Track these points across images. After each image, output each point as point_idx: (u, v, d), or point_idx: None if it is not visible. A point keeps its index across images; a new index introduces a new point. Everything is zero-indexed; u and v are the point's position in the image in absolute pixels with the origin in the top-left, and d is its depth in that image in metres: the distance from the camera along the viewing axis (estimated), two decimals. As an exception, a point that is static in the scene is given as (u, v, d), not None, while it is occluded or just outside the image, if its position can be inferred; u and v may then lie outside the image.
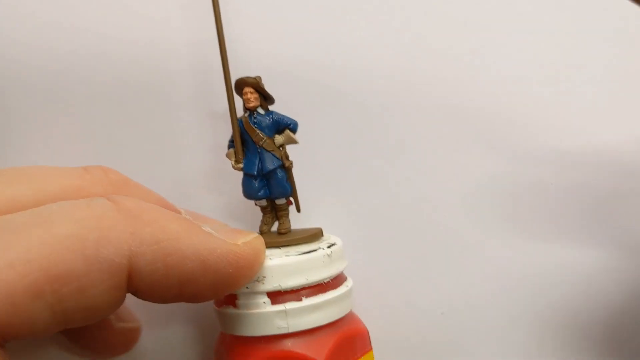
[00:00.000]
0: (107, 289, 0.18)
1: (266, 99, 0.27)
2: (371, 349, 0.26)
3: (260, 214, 0.28)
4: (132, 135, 0.30)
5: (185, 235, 0.19)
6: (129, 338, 0.25)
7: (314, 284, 0.24)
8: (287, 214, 0.27)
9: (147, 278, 0.19)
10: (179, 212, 0.23)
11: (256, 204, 0.28)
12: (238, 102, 0.27)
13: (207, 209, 0.30)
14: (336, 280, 0.25)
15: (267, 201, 0.27)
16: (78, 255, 0.17)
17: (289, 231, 0.27)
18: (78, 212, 0.18)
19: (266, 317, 0.23)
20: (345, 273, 0.27)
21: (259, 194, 0.27)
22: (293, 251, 0.25)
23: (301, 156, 0.28)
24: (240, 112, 0.27)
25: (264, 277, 0.23)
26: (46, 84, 0.29)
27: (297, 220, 0.28)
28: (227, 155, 0.27)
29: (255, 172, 0.26)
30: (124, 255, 0.18)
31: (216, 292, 0.21)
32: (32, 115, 0.30)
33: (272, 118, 0.26)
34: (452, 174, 0.30)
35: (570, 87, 0.30)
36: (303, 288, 0.24)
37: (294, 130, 0.27)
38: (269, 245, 0.26)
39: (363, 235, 0.30)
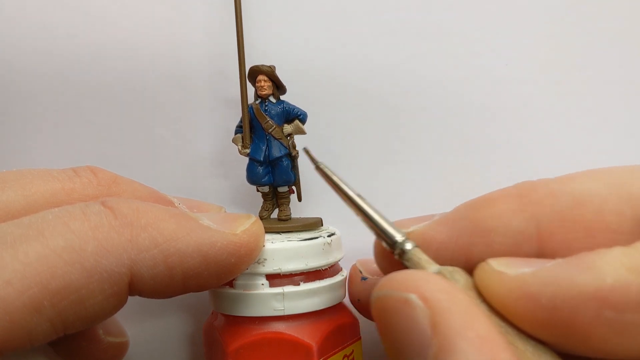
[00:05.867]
0: (107, 297, 0.18)
1: (278, 88, 0.27)
2: (360, 338, 0.27)
3: (260, 200, 0.28)
4: (145, 120, 0.31)
5: (183, 233, 0.19)
6: (117, 352, 0.25)
7: (313, 270, 0.25)
8: (288, 202, 0.28)
9: (150, 281, 0.19)
10: (172, 203, 0.23)
11: (258, 190, 0.28)
12: (249, 90, 0.27)
13: (212, 192, 0.31)
14: (333, 269, 0.26)
15: (269, 188, 0.28)
16: (77, 267, 0.17)
17: (289, 218, 0.28)
18: (74, 221, 0.18)
19: (263, 299, 0.24)
20: (340, 265, 0.27)
21: (263, 180, 0.27)
22: (294, 237, 0.25)
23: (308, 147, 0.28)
24: (251, 100, 0.27)
25: (265, 259, 0.24)
26: (60, 73, 0.30)
27: (295, 209, 0.29)
28: (234, 140, 0.28)
29: (261, 158, 0.27)
30: (124, 265, 0.18)
31: (219, 281, 0.21)
32: (45, 101, 0.30)
33: (283, 107, 0.27)
34: (454, 175, 0.31)
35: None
36: (302, 273, 0.24)
37: (303, 121, 0.28)
38: (270, 231, 0.26)
39: (358, 232, 0.31)
